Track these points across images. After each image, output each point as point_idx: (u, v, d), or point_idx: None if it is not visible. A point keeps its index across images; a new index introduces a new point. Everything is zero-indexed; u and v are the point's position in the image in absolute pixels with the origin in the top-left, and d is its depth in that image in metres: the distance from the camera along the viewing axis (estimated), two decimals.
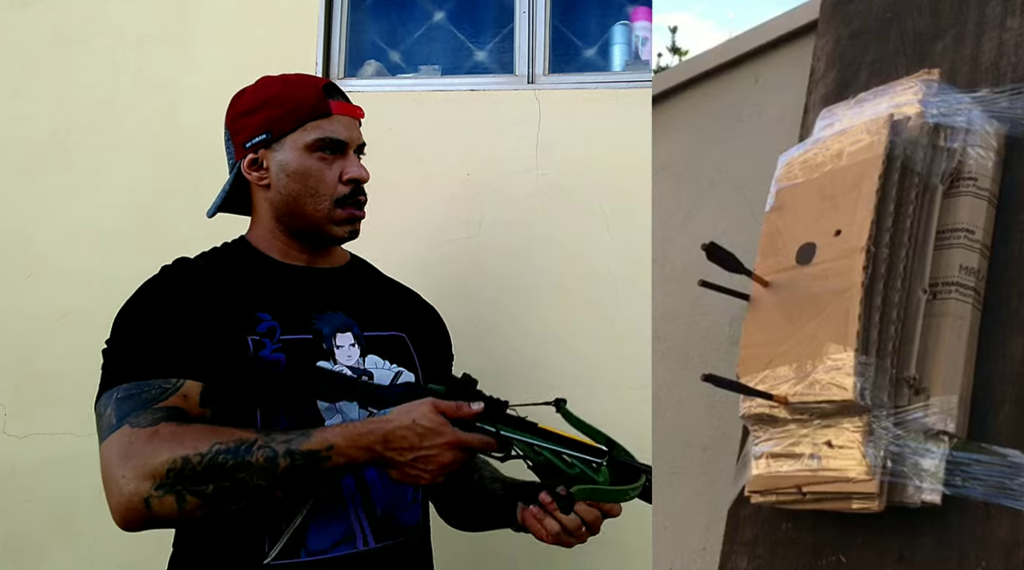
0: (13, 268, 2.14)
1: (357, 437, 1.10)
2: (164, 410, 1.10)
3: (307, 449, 1.08)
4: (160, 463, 1.04)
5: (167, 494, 1.04)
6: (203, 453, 1.05)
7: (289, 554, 1.15)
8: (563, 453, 1.15)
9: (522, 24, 2.13)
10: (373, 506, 1.22)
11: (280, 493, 1.08)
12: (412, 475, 1.11)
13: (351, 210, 1.29)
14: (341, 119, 1.30)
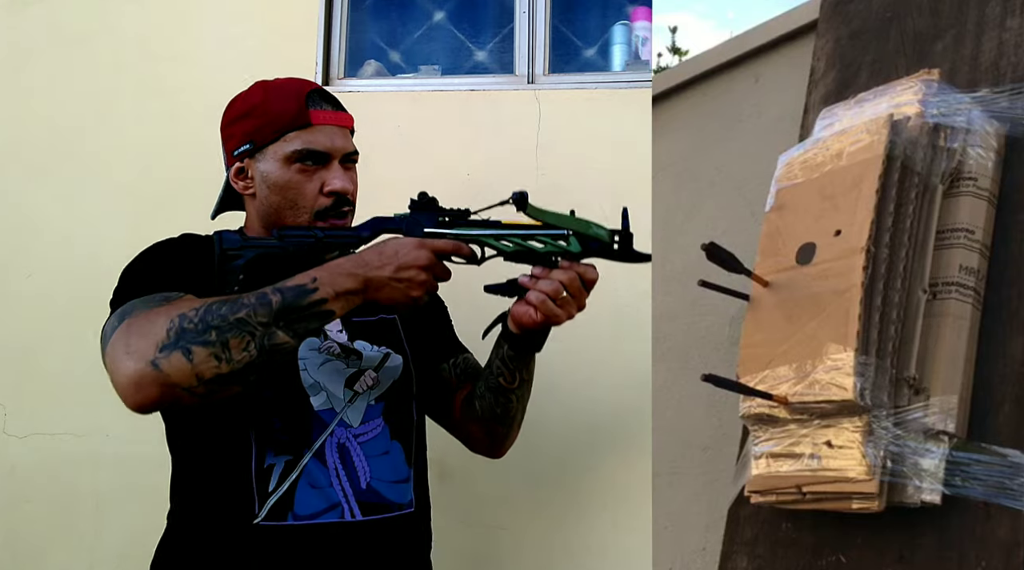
0: (13, 268, 2.14)
1: (336, 266, 1.13)
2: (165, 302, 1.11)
3: (293, 284, 1.10)
4: (157, 327, 1.05)
5: (173, 351, 1.03)
6: (197, 308, 1.06)
7: (276, 517, 1.17)
8: (531, 236, 1.21)
9: (522, 24, 2.13)
10: (357, 480, 1.23)
11: (282, 332, 1.08)
12: (401, 289, 1.14)
13: (332, 222, 1.27)
14: (324, 129, 1.28)
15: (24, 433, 2.09)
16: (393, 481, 1.27)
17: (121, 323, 1.09)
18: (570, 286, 1.19)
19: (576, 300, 1.20)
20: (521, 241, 1.21)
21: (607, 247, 1.22)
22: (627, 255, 1.22)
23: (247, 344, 1.06)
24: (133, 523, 2.03)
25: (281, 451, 1.20)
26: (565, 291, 1.19)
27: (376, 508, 1.24)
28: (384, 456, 1.27)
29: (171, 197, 2.09)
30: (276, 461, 1.20)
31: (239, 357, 1.05)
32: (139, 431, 2.02)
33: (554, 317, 1.19)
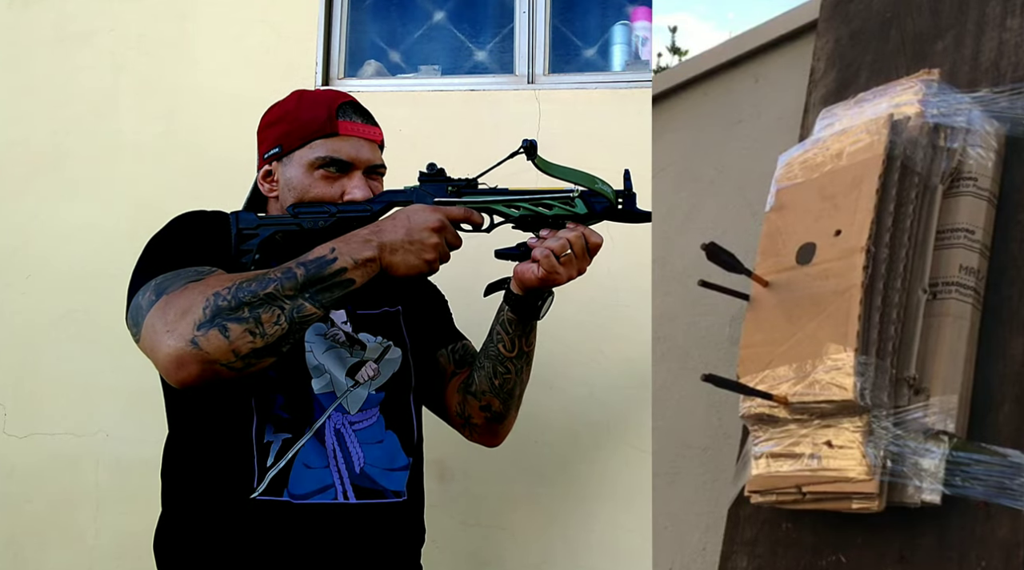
0: (13, 268, 2.14)
1: (352, 235, 1.17)
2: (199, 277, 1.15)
3: (314, 257, 1.14)
4: (194, 306, 1.09)
5: (210, 329, 1.08)
6: (228, 287, 1.10)
7: (273, 492, 1.20)
8: (539, 200, 1.26)
9: (522, 24, 2.13)
10: (352, 463, 1.25)
11: (308, 303, 1.12)
12: (415, 252, 1.18)
13: None
14: (350, 140, 1.32)
15: (24, 433, 2.09)
16: (387, 468, 1.29)
17: (158, 298, 1.13)
18: (575, 245, 1.22)
19: (578, 262, 1.24)
20: (529, 206, 1.26)
21: (612, 208, 1.26)
22: (631, 215, 1.26)
23: (278, 317, 1.11)
24: (133, 523, 2.03)
25: (280, 428, 1.23)
26: (570, 249, 1.22)
27: (369, 493, 1.26)
28: (378, 444, 1.29)
29: (171, 197, 2.09)
30: (275, 438, 1.22)
31: (272, 331, 1.10)
32: (139, 431, 2.03)
33: (555, 274, 1.22)
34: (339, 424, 1.26)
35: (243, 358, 1.09)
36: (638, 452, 1.85)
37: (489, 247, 1.30)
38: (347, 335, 1.31)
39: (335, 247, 1.15)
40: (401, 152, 2.05)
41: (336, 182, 1.30)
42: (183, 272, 1.17)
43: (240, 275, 1.13)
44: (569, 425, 1.90)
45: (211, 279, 1.13)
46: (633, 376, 1.82)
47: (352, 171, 1.31)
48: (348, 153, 1.31)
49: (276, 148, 1.32)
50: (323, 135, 1.30)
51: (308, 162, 1.29)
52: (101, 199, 2.12)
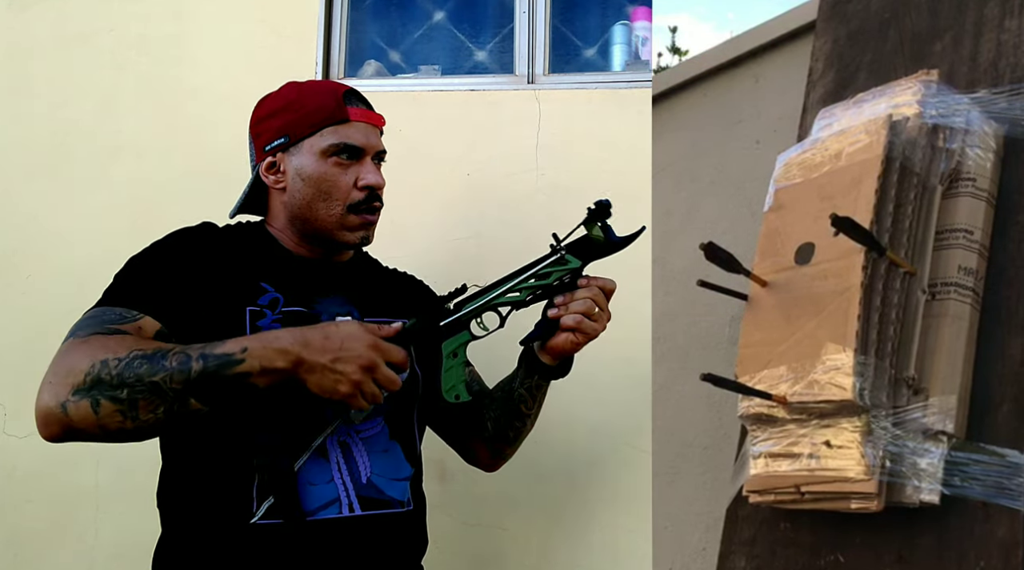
0: (13, 268, 2.14)
1: (274, 339, 1.09)
2: (111, 330, 1.12)
3: (221, 352, 1.06)
4: (80, 369, 1.06)
5: (83, 399, 1.05)
6: (121, 358, 1.05)
7: (275, 515, 1.17)
8: (534, 273, 1.23)
9: (522, 24, 2.13)
10: (358, 474, 1.24)
11: (195, 400, 1.07)
12: (332, 380, 1.09)
13: (364, 216, 1.30)
14: (359, 126, 1.31)
15: (24, 433, 2.09)
16: (392, 478, 1.27)
17: (69, 337, 1.13)
18: (597, 300, 1.23)
19: (604, 313, 1.24)
20: (530, 284, 1.24)
21: (601, 245, 1.25)
22: (617, 244, 1.25)
23: (155, 407, 1.06)
24: (133, 523, 2.03)
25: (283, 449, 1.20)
26: (595, 306, 1.22)
27: (376, 503, 1.24)
28: (384, 454, 1.27)
29: (171, 197, 2.09)
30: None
31: (145, 418, 1.06)
32: None
33: (594, 333, 1.23)
34: (344, 435, 1.25)
35: (109, 433, 1.07)
36: (638, 452, 1.85)
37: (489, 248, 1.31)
38: None
39: (248, 347, 1.07)
40: (401, 152, 2.05)
41: (349, 169, 1.29)
42: (108, 313, 1.15)
43: (141, 345, 1.08)
44: (569, 425, 1.90)
45: (115, 340, 1.09)
46: (633, 376, 1.82)
47: (363, 157, 1.30)
48: (359, 140, 1.30)
49: (281, 138, 1.30)
50: (334, 122, 1.29)
51: (321, 150, 1.28)
52: (101, 199, 2.13)
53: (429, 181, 2.01)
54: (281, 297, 1.25)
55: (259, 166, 1.33)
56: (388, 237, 1.75)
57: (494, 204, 1.98)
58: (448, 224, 1.98)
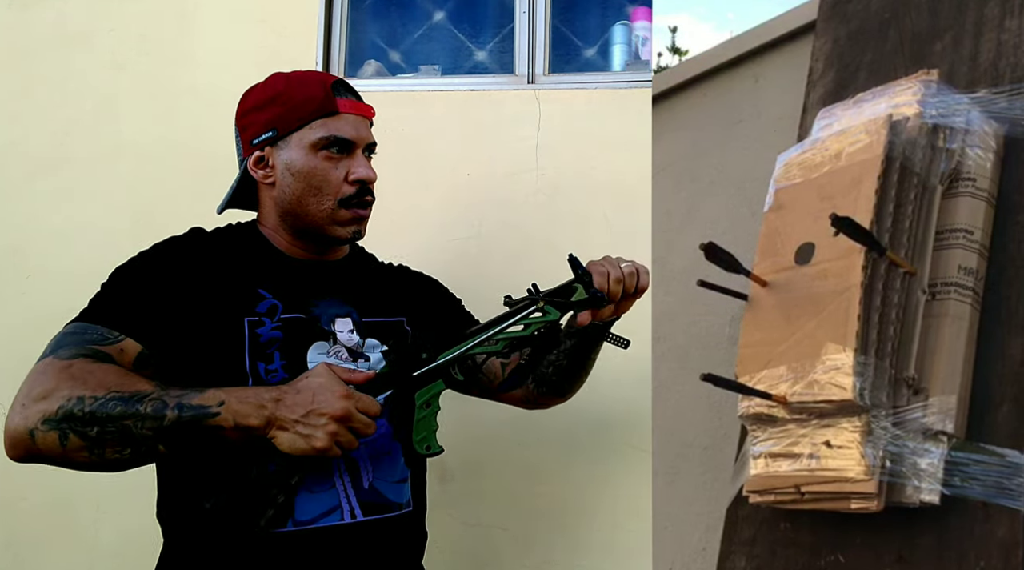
0: (13, 268, 2.14)
1: (252, 394, 1.08)
2: (93, 351, 1.11)
3: (197, 403, 1.06)
4: (55, 399, 1.05)
5: (51, 430, 1.04)
6: (97, 397, 1.05)
7: (277, 524, 1.16)
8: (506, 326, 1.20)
9: (522, 24, 2.13)
10: (360, 479, 1.22)
11: (164, 446, 1.06)
12: (304, 436, 1.07)
13: (356, 210, 1.27)
14: (348, 118, 1.27)
15: None
16: (393, 481, 1.27)
17: (49, 354, 1.12)
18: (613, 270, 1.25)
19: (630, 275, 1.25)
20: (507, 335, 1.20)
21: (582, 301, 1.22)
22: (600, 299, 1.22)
23: (122, 449, 1.06)
24: (132, 523, 2.03)
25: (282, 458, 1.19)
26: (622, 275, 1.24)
27: (377, 508, 1.23)
28: (386, 456, 1.26)
29: (171, 197, 2.09)
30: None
31: (111, 457, 1.06)
32: None
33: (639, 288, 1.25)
34: None
35: (73, 464, 1.07)
36: (638, 452, 1.85)
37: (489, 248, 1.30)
38: (350, 350, 1.27)
39: (224, 401, 1.06)
40: (401, 152, 2.05)
41: (339, 163, 1.26)
42: (90, 332, 1.14)
43: (121, 383, 1.07)
44: (569, 425, 1.90)
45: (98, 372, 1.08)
46: (633, 375, 1.82)
47: (354, 150, 1.27)
48: (349, 132, 1.26)
49: (269, 132, 1.27)
50: (323, 114, 1.25)
51: (310, 143, 1.25)
52: (101, 199, 2.13)
53: (429, 181, 2.01)
54: (280, 304, 1.23)
55: (247, 160, 1.30)
56: (388, 237, 1.75)
57: (494, 204, 1.98)
58: (448, 224, 1.98)
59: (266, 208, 1.32)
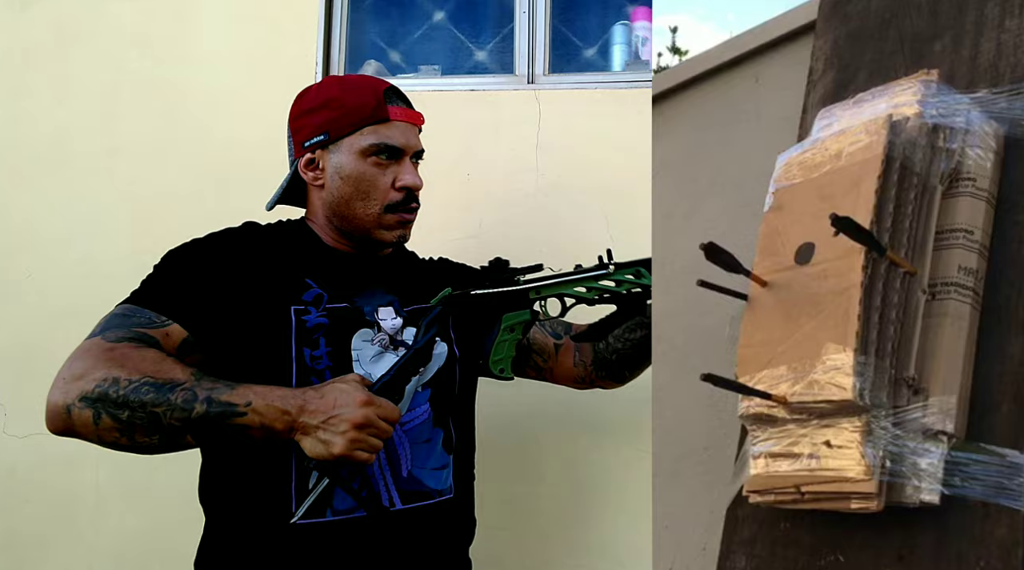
0: (13, 268, 2.14)
1: (278, 397, 1.10)
2: (139, 333, 1.15)
3: (226, 400, 1.08)
4: (93, 379, 1.09)
5: (87, 408, 1.08)
6: (132, 380, 1.08)
7: (315, 514, 1.18)
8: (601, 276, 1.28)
9: (522, 24, 2.13)
10: (399, 467, 1.24)
11: (191, 438, 1.10)
12: (323, 442, 1.09)
13: (402, 215, 1.31)
14: (399, 125, 1.31)
15: (24, 433, 2.09)
16: (433, 468, 1.28)
17: (98, 333, 1.14)
18: None
19: None
20: (598, 284, 1.28)
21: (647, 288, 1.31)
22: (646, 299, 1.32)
23: (151, 434, 1.09)
24: (132, 523, 2.04)
25: None
26: None
27: (416, 495, 1.25)
28: (426, 444, 1.28)
29: (171, 197, 2.09)
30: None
31: (140, 441, 1.09)
32: None
33: None
34: None
35: (106, 444, 1.11)
36: (638, 452, 1.85)
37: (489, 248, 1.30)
38: (391, 338, 1.30)
39: (252, 402, 1.09)
40: None
41: (388, 169, 1.29)
42: (138, 315, 1.17)
43: (158, 368, 1.10)
44: (569, 425, 1.90)
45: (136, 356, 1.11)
46: None
47: (402, 157, 1.31)
48: (399, 140, 1.30)
49: (321, 135, 1.30)
50: (374, 121, 1.28)
51: (360, 149, 1.28)
52: (101, 199, 2.13)
53: (429, 181, 2.01)
54: (326, 294, 1.27)
55: (298, 161, 1.33)
56: None
57: (494, 204, 1.99)
58: (448, 224, 1.98)
59: (315, 207, 1.35)
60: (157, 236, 2.05)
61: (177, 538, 2.01)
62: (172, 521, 2.00)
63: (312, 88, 1.36)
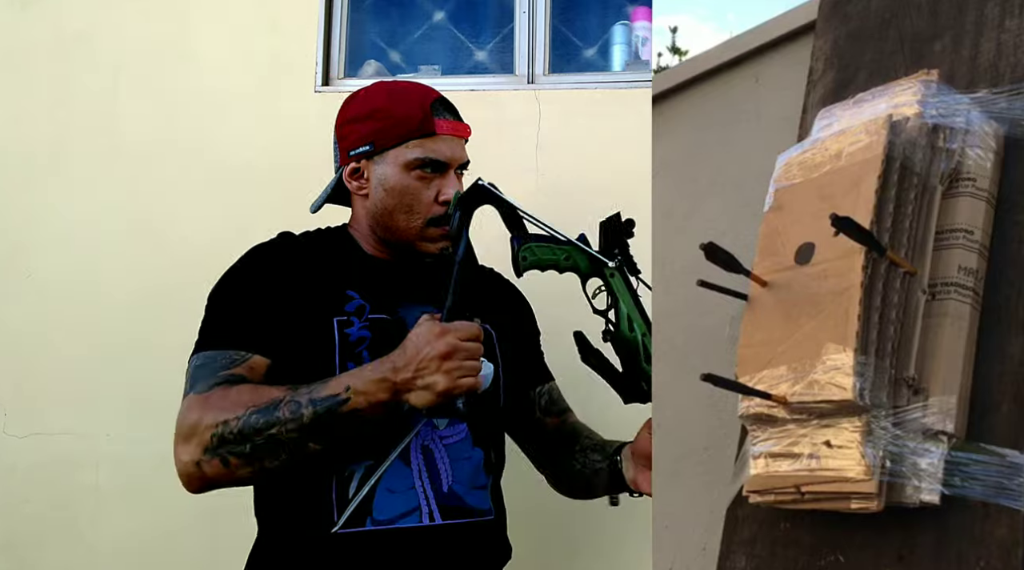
0: (13, 268, 2.14)
1: (369, 371, 1.11)
2: (226, 376, 1.16)
3: (327, 394, 1.10)
4: (205, 429, 1.12)
5: (213, 458, 1.11)
6: (239, 416, 1.10)
7: (355, 523, 1.18)
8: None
9: (522, 24, 2.13)
10: (440, 482, 1.23)
11: (313, 443, 1.11)
12: (426, 388, 1.09)
13: (445, 228, 1.29)
14: (445, 139, 1.30)
15: (24, 433, 2.09)
16: (474, 486, 1.28)
17: (189, 390, 1.17)
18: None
19: None
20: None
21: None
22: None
23: (277, 455, 1.11)
24: (132, 523, 2.04)
25: (362, 455, 1.20)
26: None
27: (457, 512, 1.24)
28: (466, 461, 1.27)
29: (170, 197, 2.09)
30: (357, 466, 1.20)
31: (271, 466, 1.12)
32: (139, 431, 2.03)
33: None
34: (427, 439, 1.24)
35: (244, 481, 1.15)
36: None
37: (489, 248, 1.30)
38: None
39: (350, 385, 1.11)
40: None
41: (432, 182, 1.28)
42: (219, 358, 1.18)
43: (255, 397, 1.12)
44: None
45: (232, 395, 1.13)
46: None
47: (447, 171, 1.30)
48: (444, 154, 1.29)
49: (367, 146, 1.29)
50: (420, 135, 1.28)
51: (405, 162, 1.28)
52: (101, 199, 2.13)
53: None
54: (367, 304, 1.26)
55: (343, 169, 1.33)
56: None
57: None
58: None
59: (358, 214, 1.35)
60: (157, 236, 2.06)
61: (177, 538, 2.01)
62: (172, 521, 2.00)
63: (360, 94, 1.35)
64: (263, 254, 1.29)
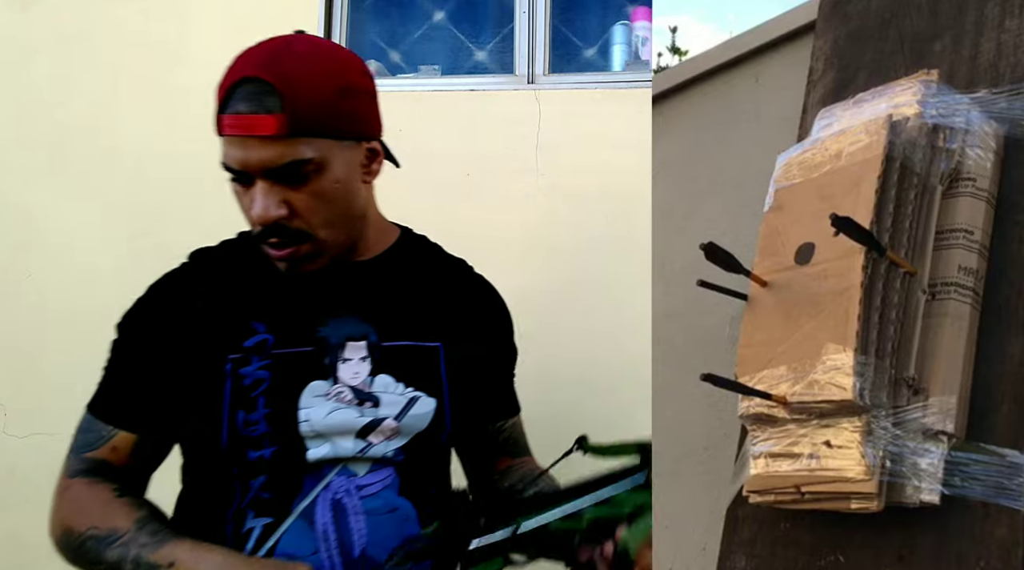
0: (13, 268, 2.14)
1: (203, 562, 0.97)
2: (88, 461, 1.11)
3: (151, 561, 0.99)
4: (56, 525, 1.09)
5: (59, 550, 1.09)
6: (80, 534, 1.04)
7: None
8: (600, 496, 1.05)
9: (522, 24, 2.13)
10: (351, 546, 1.03)
11: None
12: None
13: (270, 251, 1.04)
14: (233, 141, 0.99)
15: (24, 433, 2.09)
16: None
17: (66, 460, 1.13)
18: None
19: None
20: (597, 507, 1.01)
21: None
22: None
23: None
24: None
25: (262, 512, 1.04)
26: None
27: None
28: (389, 514, 1.07)
29: (171, 197, 2.09)
30: (255, 524, 1.03)
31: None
32: None
33: None
34: (341, 493, 1.04)
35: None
36: None
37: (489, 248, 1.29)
38: (355, 390, 1.06)
39: (174, 562, 0.98)
40: (401, 152, 2.05)
41: (245, 195, 1.02)
42: (90, 432, 1.12)
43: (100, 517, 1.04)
44: (569, 425, 1.89)
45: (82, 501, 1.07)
46: (633, 376, 1.82)
47: (252, 181, 1.00)
48: (234, 158, 0.99)
49: None
50: (220, 134, 1.00)
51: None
52: (101, 199, 2.13)
53: (429, 181, 2.01)
54: (271, 337, 1.05)
55: None
56: None
57: (494, 204, 1.99)
58: (447, 224, 1.98)
59: None
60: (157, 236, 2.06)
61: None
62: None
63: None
64: (160, 292, 1.10)
